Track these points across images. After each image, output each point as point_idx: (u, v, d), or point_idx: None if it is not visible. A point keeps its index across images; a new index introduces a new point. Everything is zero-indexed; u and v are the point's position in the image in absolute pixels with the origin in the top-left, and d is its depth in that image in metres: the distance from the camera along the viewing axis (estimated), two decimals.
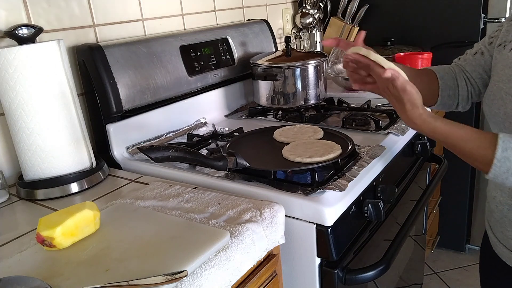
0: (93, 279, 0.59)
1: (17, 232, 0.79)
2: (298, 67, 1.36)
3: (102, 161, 1.05)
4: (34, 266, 0.64)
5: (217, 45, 1.44)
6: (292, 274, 0.91)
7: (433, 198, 2.03)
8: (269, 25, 1.69)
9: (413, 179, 1.29)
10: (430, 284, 2.04)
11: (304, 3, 2.03)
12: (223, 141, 1.19)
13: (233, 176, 0.96)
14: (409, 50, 1.88)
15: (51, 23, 1.08)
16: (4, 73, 0.88)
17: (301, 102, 1.40)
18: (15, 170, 1.03)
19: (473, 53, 0.97)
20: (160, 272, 0.58)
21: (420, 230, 1.58)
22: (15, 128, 0.92)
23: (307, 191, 0.86)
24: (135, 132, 1.18)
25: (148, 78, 1.19)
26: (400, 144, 1.15)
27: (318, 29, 2.04)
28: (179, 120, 1.31)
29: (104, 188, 0.97)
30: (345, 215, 0.87)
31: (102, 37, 1.21)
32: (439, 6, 1.87)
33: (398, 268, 1.31)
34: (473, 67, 0.96)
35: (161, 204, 0.83)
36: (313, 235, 0.84)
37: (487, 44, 0.93)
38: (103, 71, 1.09)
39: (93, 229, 0.72)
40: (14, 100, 0.90)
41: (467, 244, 2.20)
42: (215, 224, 0.73)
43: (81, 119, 0.99)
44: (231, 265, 0.66)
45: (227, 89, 1.50)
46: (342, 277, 0.87)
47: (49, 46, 0.91)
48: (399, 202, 1.16)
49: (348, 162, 0.97)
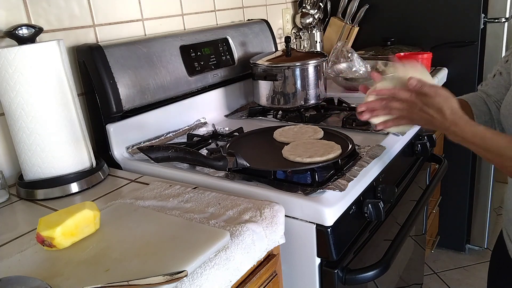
0: (93, 279, 0.59)
1: (17, 232, 0.79)
2: (298, 67, 1.36)
3: (102, 161, 1.05)
4: (34, 266, 0.64)
5: (217, 45, 1.44)
6: (292, 274, 0.91)
7: (433, 198, 2.03)
8: (269, 25, 1.69)
9: (413, 179, 1.29)
10: (430, 284, 2.04)
11: (304, 3, 2.03)
12: (223, 141, 1.19)
13: (233, 176, 0.96)
14: (409, 50, 1.88)
15: (51, 23, 1.08)
16: (4, 73, 0.88)
17: (301, 102, 1.40)
18: (15, 170, 1.03)
19: (492, 76, 0.99)
20: (160, 272, 0.58)
21: (420, 230, 1.58)
22: (15, 128, 0.92)
23: (307, 191, 0.86)
24: (135, 132, 1.18)
25: (148, 78, 1.19)
26: (400, 144, 1.15)
27: (318, 29, 2.04)
28: (179, 120, 1.31)
29: (104, 188, 0.97)
30: (345, 215, 0.87)
31: (102, 37, 1.21)
32: (439, 6, 1.87)
33: (398, 268, 1.31)
34: (496, 89, 0.98)
35: (161, 204, 0.83)
36: (313, 235, 0.84)
37: (503, 63, 0.95)
38: (103, 71, 1.09)
39: (93, 229, 0.72)
40: (14, 100, 0.90)
41: (467, 244, 2.20)
42: (215, 224, 0.73)
43: (81, 119, 0.99)
44: (231, 265, 0.66)
45: (227, 89, 1.50)
46: (342, 277, 0.87)
47: (49, 46, 0.91)
48: (399, 202, 1.16)
49: (348, 162, 0.98)
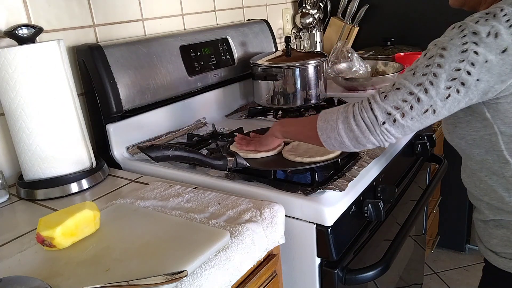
0: (93, 279, 0.59)
1: (17, 232, 0.79)
2: (298, 67, 1.36)
3: (102, 161, 1.05)
4: (34, 266, 0.64)
5: (217, 45, 1.44)
6: (292, 274, 0.91)
7: (433, 198, 2.03)
8: (269, 25, 1.69)
9: (413, 179, 1.29)
10: (430, 284, 2.04)
11: (304, 3, 2.03)
12: (223, 141, 1.19)
13: (233, 176, 0.96)
14: (409, 50, 1.88)
15: (51, 23, 1.08)
16: (4, 73, 0.88)
17: (301, 102, 1.40)
18: (15, 170, 1.03)
19: None
20: (160, 272, 0.58)
21: (420, 230, 1.58)
22: (15, 128, 0.92)
23: (307, 191, 0.86)
24: (135, 132, 1.18)
25: (148, 78, 1.19)
26: (400, 144, 1.15)
27: (318, 29, 2.04)
28: (179, 120, 1.31)
29: (104, 188, 0.97)
30: (345, 215, 0.87)
31: (102, 37, 1.21)
32: (439, 6, 1.87)
33: (398, 268, 1.31)
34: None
35: (161, 204, 0.83)
36: (313, 235, 0.84)
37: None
38: (103, 71, 1.08)
39: (93, 229, 0.72)
40: (14, 100, 0.89)
41: (467, 244, 2.20)
42: (215, 224, 0.73)
43: (81, 119, 0.99)
44: (231, 265, 0.66)
45: (227, 89, 1.50)
46: (342, 277, 0.87)
47: (49, 46, 0.91)
48: (399, 202, 1.16)
49: (348, 162, 0.97)
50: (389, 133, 0.76)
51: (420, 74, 0.72)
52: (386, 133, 0.76)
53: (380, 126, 0.75)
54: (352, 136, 0.78)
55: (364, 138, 0.78)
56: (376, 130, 0.76)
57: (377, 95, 0.77)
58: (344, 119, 0.79)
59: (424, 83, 0.72)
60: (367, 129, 0.77)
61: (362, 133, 0.77)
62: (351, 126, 0.78)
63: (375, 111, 0.75)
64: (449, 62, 0.70)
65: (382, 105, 0.75)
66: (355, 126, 0.77)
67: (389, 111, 0.75)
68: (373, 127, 0.76)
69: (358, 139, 0.78)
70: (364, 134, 0.77)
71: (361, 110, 0.77)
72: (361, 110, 0.77)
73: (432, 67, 0.71)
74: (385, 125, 0.75)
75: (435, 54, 0.72)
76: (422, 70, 0.72)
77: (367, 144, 0.79)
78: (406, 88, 0.73)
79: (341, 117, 0.79)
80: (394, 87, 0.75)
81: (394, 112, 0.74)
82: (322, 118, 0.83)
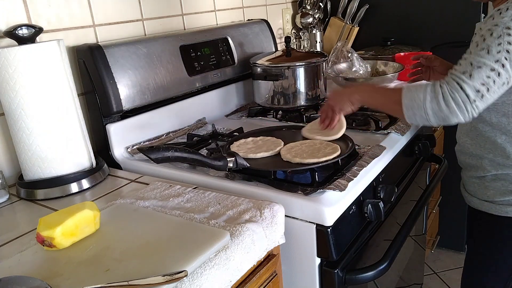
0: (93, 279, 0.59)
1: (17, 232, 0.79)
2: (298, 67, 1.36)
3: (102, 161, 1.05)
4: (34, 266, 0.64)
5: (217, 45, 1.44)
6: (292, 274, 0.91)
7: (433, 198, 2.03)
8: (269, 25, 1.69)
9: (413, 179, 1.29)
10: (430, 284, 2.04)
11: (304, 3, 2.03)
12: (223, 141, 1.19)
13: (233, 176, 0.96)
14: (409, 50, 1.88)
15: (51, 23, 1.08)
16: (4, 73, 0.88)
17: (301, 102, 1.40)
18: (15, 170, 1.03)
19: None
20: (160, 272, 0.59)
21: (420, 230, 1.58)
22: (15, 128, 0.92)
23: (307, 191, 0.86)
24: (135, 132, 1.18)
25: (148, 78, 1.19)
26: (400, 144, 1.15)
27: (318, 29, 2.04)
28: (179, 120, 1.31)
29: (104, 188, 0.97)
30: (345, 215, 0.87)
31: (102, 37, 1.20)
32: (439, 6, 1.87)
33: (398, 268, 1.31)
34: None
35: (161, 204, 0.83)
36: (313, 235, 0.84)
37: None
38: (103, 71, 1.09)
39: (93, 229, 0.72)
40: (14, 100, 0.90)
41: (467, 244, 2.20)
42: (215, 224, 0.73)
43: (81, 119, 0.99)
44: (231, 265, 0.66)
45: (227, 89, 1.50)
46: (342, 277, 0.87)
47: (49, 46, 0.91)
48: (399, 202, 1.16)
49: (348, 162, 0.97)
50: (477, 109, 0.84)
51: (495, 51, 0.83)
52: (475, 109, 0.84)
53: (471, 103, 0.83)
54: (440, 115, 0.86)
55: (452, 116, 0.85)
56: (467, 107, 0.84)
57: (461, 75, 0.84)
58: (432, 99, 0.86)
59: (501, 59, 0.82)
60: (457, 109, 0.84)
61: (451, 113, 0.85)
62: (440, 107, 0.85)
63: (466, 90, 0.83)
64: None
65: (471, 83, 0.83)
66: (444, 106, 0.85)
67: (478, 88, 0.83)
68: (464, 105, 0.83)
69: (446, 118, 0.86)
70: (453, 113, 0.85)
71: (451, 91, 0.84)
72: (451, 91, 0.84)
73: (504, 45, 0.82)
74: (476, 102, 0.84)
75: (502, 34, 0.83)
76: (496, 48, 0.83)
77: (453, 121, 0.86)
78: (487, 65, 0.83)
79: (429, 97, 0.86)
80: (473, 66, 0.84)
81: (482, 88, 0.83)
82: (407, 96, 0.90)
